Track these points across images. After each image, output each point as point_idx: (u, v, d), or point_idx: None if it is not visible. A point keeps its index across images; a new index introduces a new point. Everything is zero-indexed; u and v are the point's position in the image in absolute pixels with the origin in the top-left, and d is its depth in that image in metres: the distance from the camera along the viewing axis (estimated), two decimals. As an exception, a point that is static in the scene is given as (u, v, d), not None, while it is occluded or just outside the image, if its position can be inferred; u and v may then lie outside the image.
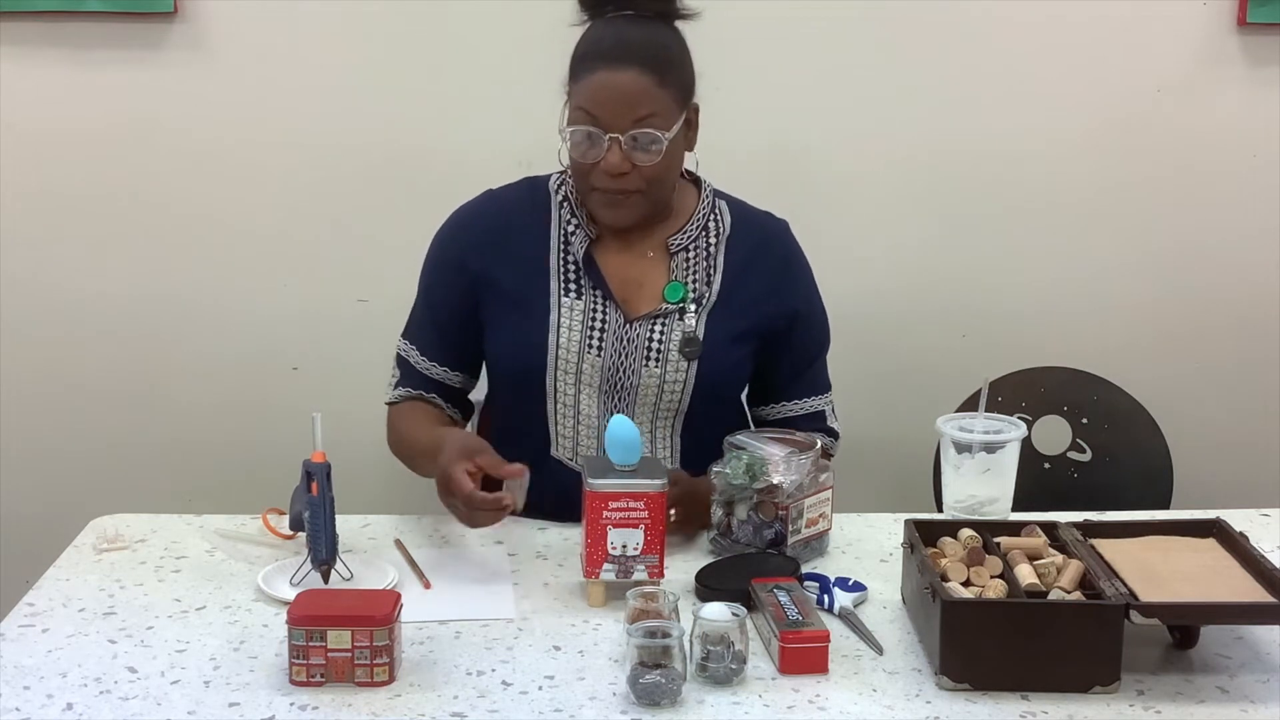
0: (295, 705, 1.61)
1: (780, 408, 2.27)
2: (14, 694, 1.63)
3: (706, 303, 2.17)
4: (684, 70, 2.10)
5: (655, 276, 2.18)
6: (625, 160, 2.05)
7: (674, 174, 2.14)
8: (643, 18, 2.08)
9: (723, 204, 2.22)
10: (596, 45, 2.07)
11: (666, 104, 2.05)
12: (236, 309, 2.88)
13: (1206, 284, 2.96)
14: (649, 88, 2.04)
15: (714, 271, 2.18)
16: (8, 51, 2.76)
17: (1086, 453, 2.70)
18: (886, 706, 1.63)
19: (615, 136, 2.04)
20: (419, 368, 2.23)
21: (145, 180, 2.83)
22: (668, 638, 1.62)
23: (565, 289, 2.16)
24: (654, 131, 2.04)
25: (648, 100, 2.04)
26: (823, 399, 2.29)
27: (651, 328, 2.15)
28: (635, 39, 2.06)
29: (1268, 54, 2.86)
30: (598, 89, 2.04)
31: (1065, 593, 1.72)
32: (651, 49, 2.06)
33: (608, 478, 1.85)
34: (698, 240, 2.18)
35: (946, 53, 2.85)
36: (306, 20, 2.79)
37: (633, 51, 2.04)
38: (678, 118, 2.07)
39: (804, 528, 2.01)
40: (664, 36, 2.09)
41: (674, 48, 2.10)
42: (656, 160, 2.06)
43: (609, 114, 2.04)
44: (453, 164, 2.75)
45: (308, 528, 1.86)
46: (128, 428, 2.91)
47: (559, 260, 2.16)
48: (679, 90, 2.08)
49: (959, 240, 2.93)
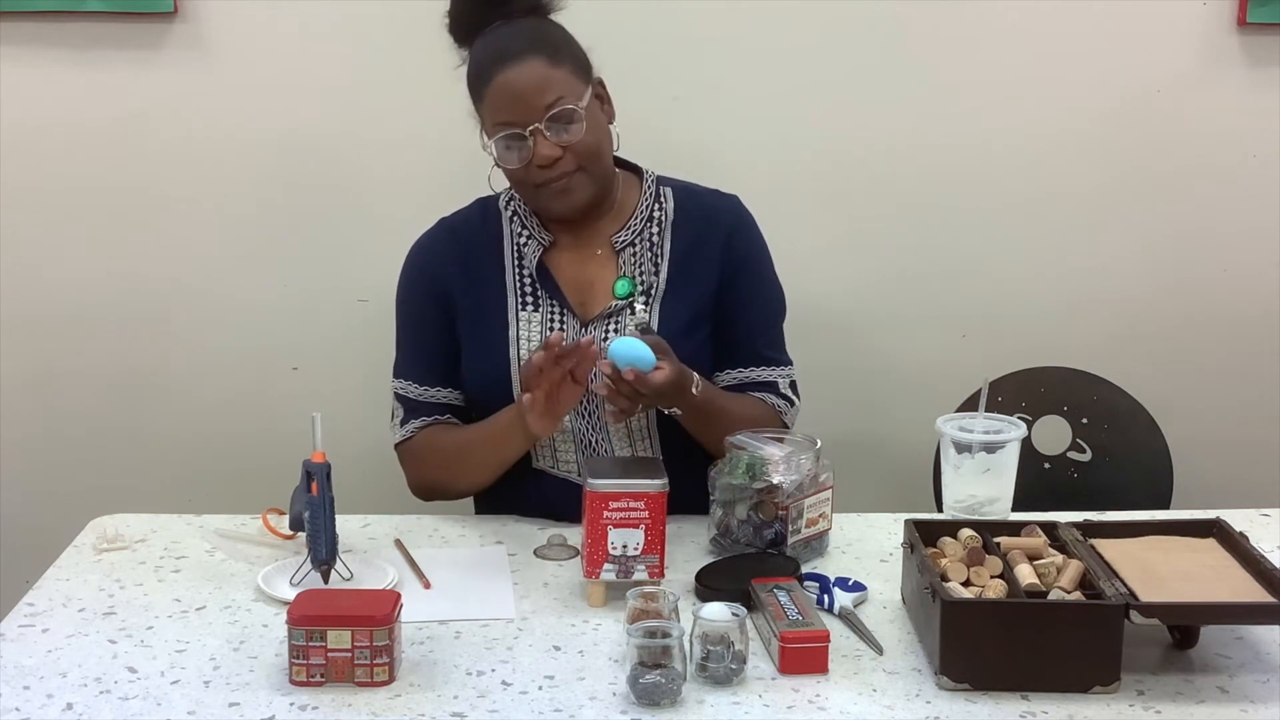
0: (295, 705, 1.61)
1: (725, 375, 2.21)
2: (14, 694, 1.63)
3: (656, 292, 2.17)
4: (572, 46, 2.12)
5: (606, 275, 2.18)
6: (554, 146, 2.06)
7: (605, 145, 2.14)
8: (512, 22, 2.11)
9: (667, 190, 2.22)
10: (483, 57, 2.10)
11: (568, 80, 2.07)
12: (237, 309, 2.88)
13: (1207, 284, 2.96)
14: (545, 71, 2.06)
15: (661, 259, 2.18)
16: (8, 51, 2.76)
17: (1086, 453, 2.70)
18: (886, 706, 1.63)
19: (535, 128, 2.05)
20: (422, 399, 2.23)
21: (145, 180, 2.83)
22: (668, 638, 1.62)
23: (522, 303, 2.17)
24: (567, 107, 2.05)
25: (550, 83, 2.06)
26: (774, 370, 2.23)
27: (606, 326, 2.15)
28: (515, 35, 2.09)
29: (1268, 54, 2.86)
30: (500, 92, 2.06)
31: (1065, 593, 1.72)
32: (533, 38, 2.08)
33: (608, 478, 1.85)
34: (642, 232, 2.18)
35: (946, 52, 2.85)
36: (306, 20, 2.79)
37: (517, 46, 2.07)
38: (584, 91, 2.09)
39: (804, 528, 2.01)
40: (539, 26, 2.12)
41: (553, 30, 2.12)
42: (581, 135, 2.07)
43: (519, 110, 2.05)
44: (453, 164, 2.73)
45: (307, 528, 1.86)
46: (128, 427, 2.91)
47: (514, 275, 2.19)
48: (575, 65, 2.10)
49: (959, 240, 2.92)
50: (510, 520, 2.17)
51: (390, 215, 2.82)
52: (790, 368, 2.26)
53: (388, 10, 2.78)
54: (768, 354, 2.23)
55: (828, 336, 2.65)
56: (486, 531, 2.14)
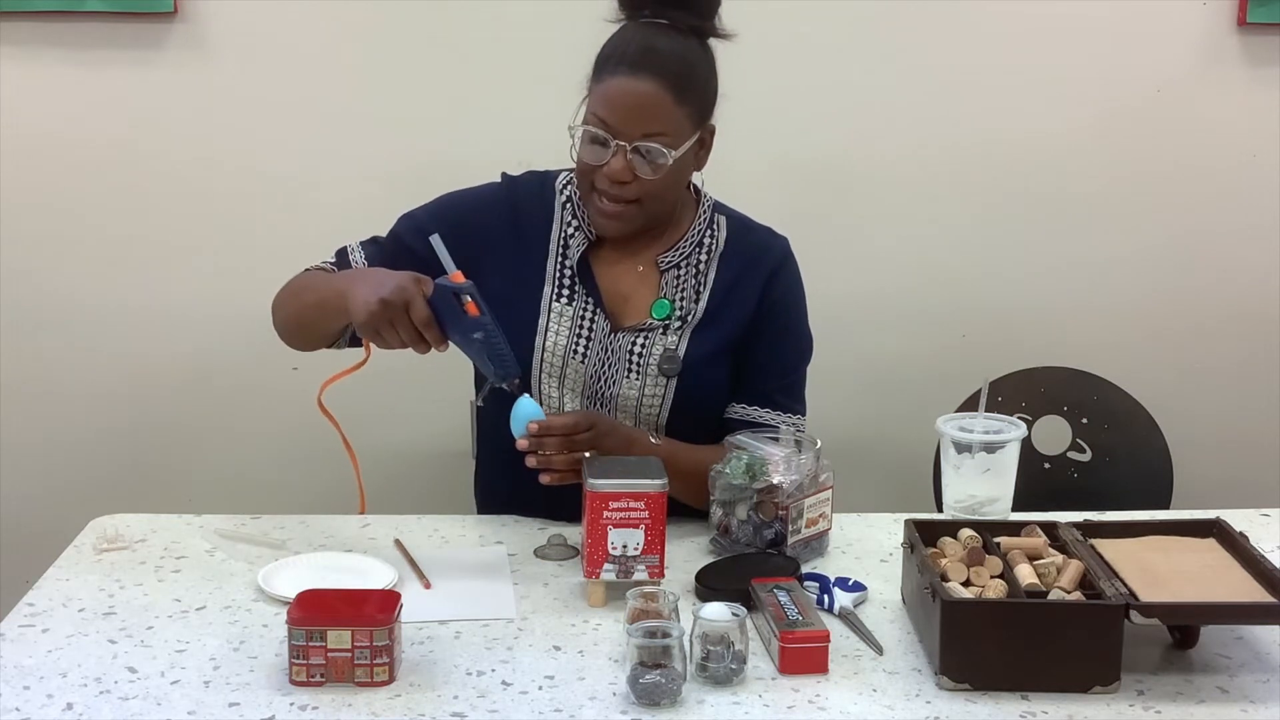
0: (295, 705, 1.61)
1: (730, 410, 2.17)
2: (14, 694, 1.63)
3: (692, 320, 2.14)
4: (706, 90, 2.07)
5: (644, 291, 2.15)
6: (628, 169, 2.02)
7: (676, 192, 2.11)
8: (676, 29, 2.04)
9: (721, 219, 2.19)
10: (622, 49, 2.03)
11: (680, 122, 2.02)
12: (237, 308, 2.88)
13: (1207, 284, 2.97)
14: (665, 103, 2.00)
15: (703, 289, 2.15)
16: (8, 51, 2.76)
17: (1086, 453, 2.70)
18: (886, 706, 1.63)
19: (622, 145, 2.01)
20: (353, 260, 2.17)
21: (145, 180, 2.83)
22: (668, 638, 1.62)
23: (558, 294, 2.14)
24: (661, 148, 2.01)
25: (661, 116, 2.00)
26: (779, 416, 2.18)
27: (634, 340, 2.13)
28: (662, 50, 2.02)
29: (1268, 54, 2.86)
30: (614, 95, 2.01)
31: (1065, 593, 1.72)
32: (675, 63, 2.01)
33: (608, 478, 1.85)
34: (690, 257, 2.15)
35: (946, 54, 2.85)
36: (306, 20, 2.79)
37: (656, 63, 2.00)
38: (689, 137, 2.04)
39: (804, 528, 2.01)
40: (692, 53, 2.05)
41: (700, 66, 2.06)
42: (659, 176, 2.03)
43: (619, 122, 2.01)
44: (454, 164, 2.73)
45: (482, 349, 1.81)
46: (128, 428, 2.91)
47: (556, 264, 2.15)
48: (696, 109, 2.05)
49: (959, 240, 2.93)
50: (510, 520, 2.17)
51: (390, 215, 2.82)
52: (799, 417, 2.20)
53: (388, 10, 2.78)
54: (778, 399, 2.19)
55: (828, 336, 2.63)
56: (486, 531, 2.14)
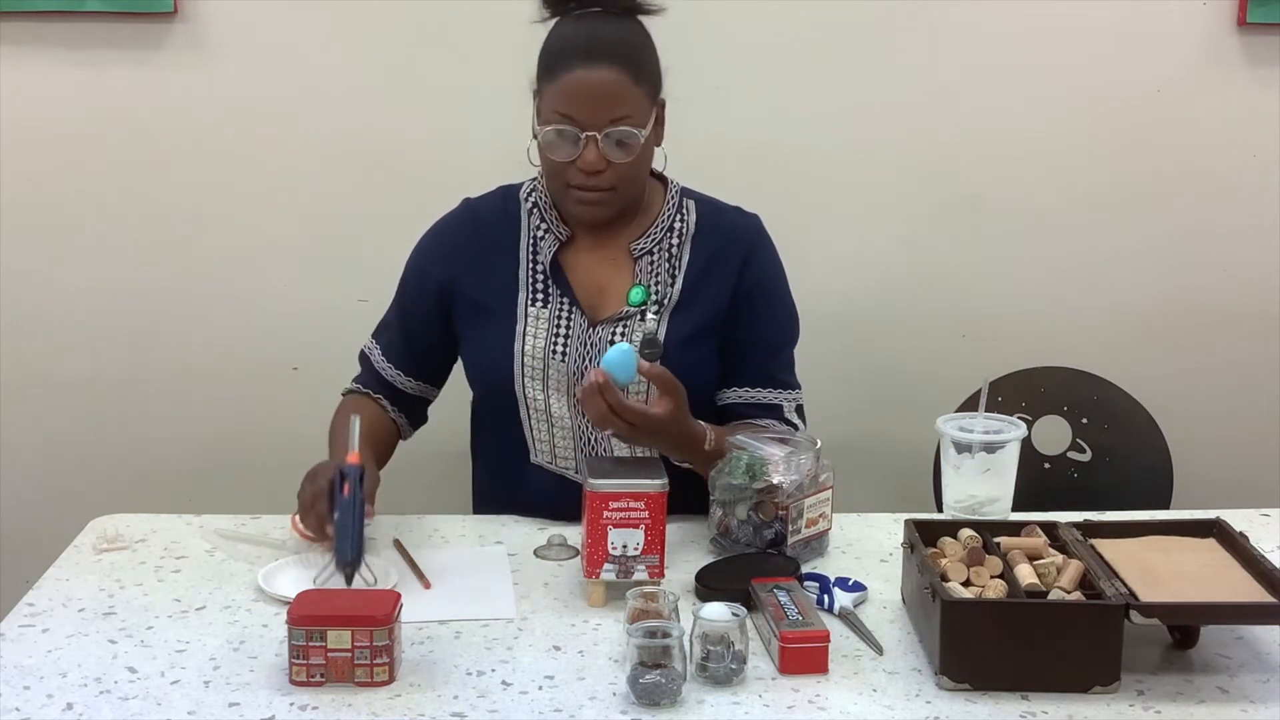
0: (295, 705, 1.61)
1: (730, 393, 2.20)
2: (14, 694, 1.63)
3: (669, 304, 2.15)
4: (654, 67, 2.10)
5: (620, 280, 2.17)
6: (601, 158, 2.04)
7: (645, 170, 2.14)
8: (610, 14, 2.08)
9: (690, 202, 2.21)
10: (569, 43, 2.06)
11: (640, 101, 2.05)
12: (237, 308, 2.88)
13: (1207, 284, 2.96)
14: (625, 86, 2.03)
15: (678, 271, 2.16)
16: (8, 51, 2.76)
17: (1086, 453, 2.70)
18: (886, 706, 1.63)
19: (592, 135, 2.03)
20: (377, 367, 2.26)
21: (145, 180, 2.83)
22: (668, 638, 1.62)
23: (533, 298, 2.16)
24: (631, 129, 2.04)
25: (624, 99, 2.03)
26: (781, 394, 2.20)
27: (613, 330, 2.14)
28: (609, 37, 2.05)
29: (1268, 54, 2.86)
30: (574, 88, 2.03)
31: (1065, 593, 1.72)
32: (624, 47, 2.05)
33: (608, 478, 1.85)
34: (661, 242, 2.17)
35: (947, 52, 2.85)
36: (306, 20, 2.79)
37: (607, 49, 2.03)
38: (650, 115, 2.08)
39: (804, 528, 2.01)
40: (635, 34, 2.09)
41: (645, 44, 2.10)
42: (631, 159, 2.05)
43: (585, 113, 2.03)
44: (454, 163, 2.74)
45: (335, 528, 1.83)
46: (128, 427, 2.91)
47: (528, 269, 2.17)
48: (651, 87, 2.08)
49: (959, 240, 2.93)
50: (510, 520, 2.17)
51: (390, 215, 2.82)
52: (798, 392, 2.23)
53: (388, 10, 2.78)
54: (777, 376, 2.21)
55: (828, 336, 2.65)
56: (486, 531, 2.14)
